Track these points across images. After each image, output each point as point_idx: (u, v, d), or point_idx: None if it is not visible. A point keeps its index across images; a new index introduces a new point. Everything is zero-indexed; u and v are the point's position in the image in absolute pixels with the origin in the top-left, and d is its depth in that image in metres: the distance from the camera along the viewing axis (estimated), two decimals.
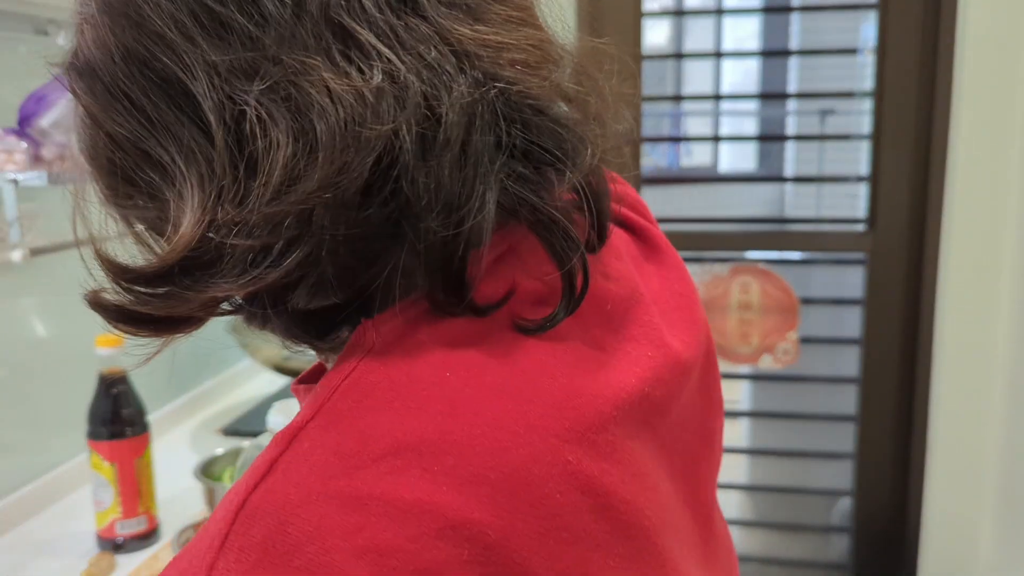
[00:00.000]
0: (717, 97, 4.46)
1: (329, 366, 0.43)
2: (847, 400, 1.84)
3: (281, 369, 1.49)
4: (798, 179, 3.09)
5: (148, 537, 1.07)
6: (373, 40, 0.35)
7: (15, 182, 1.01)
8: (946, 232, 1.95)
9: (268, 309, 0.38)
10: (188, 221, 0.35)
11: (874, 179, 2.08)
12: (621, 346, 0.42)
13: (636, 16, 1.63)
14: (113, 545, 1.05)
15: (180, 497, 1.18)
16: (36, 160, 1.03)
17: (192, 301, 0.36)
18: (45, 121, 1.02)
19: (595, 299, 0.41)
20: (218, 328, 1.59)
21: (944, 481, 2.03)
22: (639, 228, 0.51)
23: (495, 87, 0.36)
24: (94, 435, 1.03)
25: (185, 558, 0.33)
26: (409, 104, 0.34)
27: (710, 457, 0.49)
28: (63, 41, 1.19)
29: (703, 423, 0.48)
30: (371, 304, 0.38)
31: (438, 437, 0.34)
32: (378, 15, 0.35)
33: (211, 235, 0.34)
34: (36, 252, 1.09)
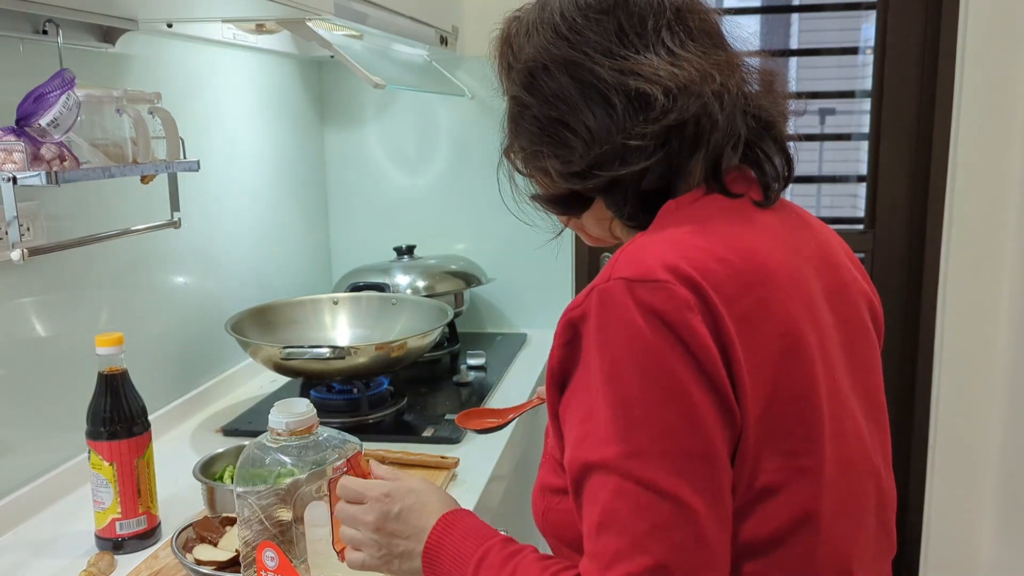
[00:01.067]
0: None
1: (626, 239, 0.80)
2: None
3: (281, 369, 1.49)
4: (798, 179, 3.09)
5: (148, 536, 1.07)
6: (687, 55, 0.73)
7: (14, 181, 1.01)
8: (946, 232, 1.95)
9: (633, 192, 0.74)
10: (597, 143, 0.72)
11: (874, 179, 2.08)
12: (803, 233, 0.76)
13: None
14: (113, 545, 1.05)
15: (180, 497, 1.18)
16: (35, 159, 1.03)
17: (600, 176, 0.73)
18: (44, 120, 1.02)
19: (786, 207, 0.79)
20: (218, 328, 1.59)
21: (944, 481, 2.02)
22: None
23: (741, 80, 0.74)
24: (94, 435, 1.03)
25: (585, 291, 0.66)
26: (715, 80, 0.71)
27: (866, 334, 0.78)
28: (62, 40, 1.19)
29: (861, 316, 0.78)
30: (675, 193, 0.74)
31: (705, 236, 0.67)
32: (689, 44, 0.74)
33: (627, 142, 0.71)
34: (35, 251, 1.09)
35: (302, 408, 0.84)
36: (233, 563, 0.93)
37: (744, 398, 0.62)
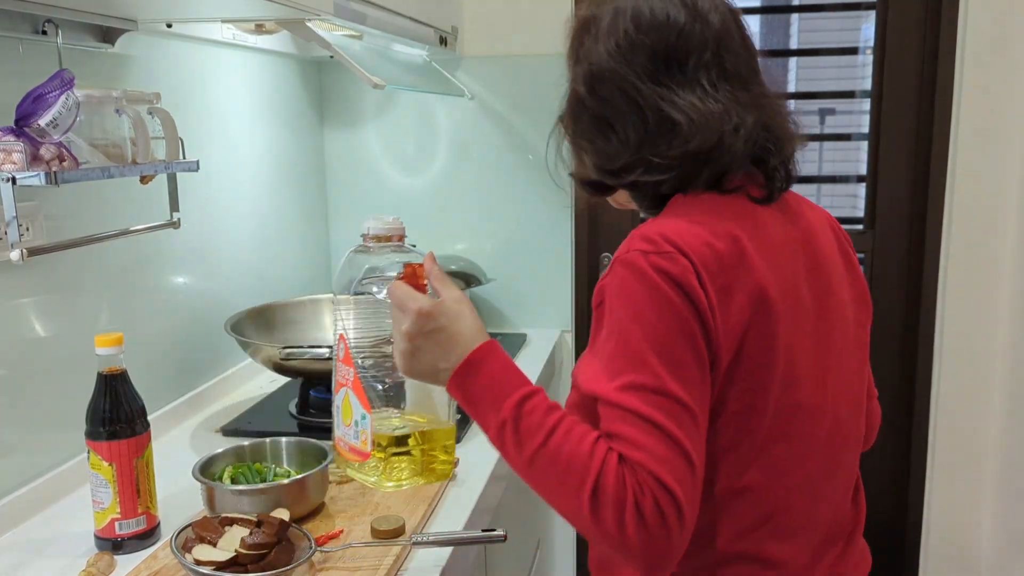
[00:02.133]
0: None
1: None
2: None
3: (281, 369, 1.49)
4: (798, 179, 3.07)
5: (147, 537, 1.07)
6: (716, 93, 0.88)
7: (13, 181, 1.01)
8: (946, 232, 1.95)
9: (650, 192, 0.92)
10: (630, 150, 0.90)
11: (873, 179, 2.08)
12: (791, 222, 0.94)
13: None
14: (112, 545, 1.05)
15: (180, 497, 1.18)
16: (34, 159, 1.03)
17: (625, 178, 0.91)
18: (43, 120, 1.02)
19: (784, 202, 0.95)
20: (218, 328, 1.59)
21: (944, 478, 2.03)
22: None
23: (759, 117, 0.89)
24: (93, 435, 1.03)
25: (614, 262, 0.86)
26: (733, 119, 0.88)
27: (836, 301, 0.95)
28: (61, 40, 1.19)
29: (832, 288, 0.95)
30: (685, 191, 0.91)
31: (700, 225, 0.85)
32: (718, 82, 0.89)
33: (650, 157, 0.89)
34: (34, 252, 1.09)
35: (388, 219, 1.03)
36: (232, 563, 0.93)
37: (719, 349, 0.83)
